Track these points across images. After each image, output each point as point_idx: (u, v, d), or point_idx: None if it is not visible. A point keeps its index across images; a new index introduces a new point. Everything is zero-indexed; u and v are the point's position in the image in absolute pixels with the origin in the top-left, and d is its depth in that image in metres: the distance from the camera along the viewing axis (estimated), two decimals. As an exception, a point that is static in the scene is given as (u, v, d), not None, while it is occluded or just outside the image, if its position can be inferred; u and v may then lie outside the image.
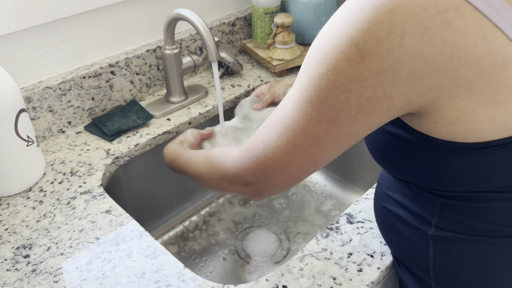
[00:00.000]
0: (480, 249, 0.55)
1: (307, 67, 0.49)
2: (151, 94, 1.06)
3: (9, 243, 0.71)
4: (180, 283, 0.65)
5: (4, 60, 0.84)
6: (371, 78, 0.44)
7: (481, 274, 0.56)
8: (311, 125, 0.48)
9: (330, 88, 0.46)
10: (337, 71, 0.45)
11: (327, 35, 0.47)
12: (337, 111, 0.47)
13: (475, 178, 0.51)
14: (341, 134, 0.49)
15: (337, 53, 0.45)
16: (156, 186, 1.01)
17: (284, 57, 1.10)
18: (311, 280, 0.64)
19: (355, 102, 0.46)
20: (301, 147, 0.50)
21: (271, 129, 0.52)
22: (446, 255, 0.57)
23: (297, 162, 0.51)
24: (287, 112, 0.50)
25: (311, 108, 0.48)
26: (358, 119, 0.47)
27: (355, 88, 0.45)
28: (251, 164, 0.54)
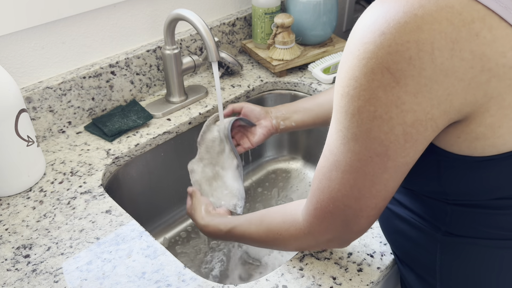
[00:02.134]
0: (488, 253, 0.54)
1: (343, 105, 0.47)
2: (151, 94, 1.06)
3: (9, 243, 0.71)
4: (180, 283, 0.65)
5: (5, 60, 0.84)
6: (410, 101, 0.43)
7: (488, 277, 0.56)
8: (365, 164, 0.47)
9: (371, 119, 0.45)
10: (374, 100, 0.44)
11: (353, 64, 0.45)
12: (385, 143, 0.45)
13: (489, 188, 0.50)
14: (397, 166, 0.47)
15: (369, 82, 0.44)
16: (156, 186, 1.01)
17: (284, 57, 1.10)
18: (311, 280, 0.64)
19: (400, 130, 0.45)
20: (365, 188, 0.49)
21: (329, 180, 0.51)
22: (453, 258, 0.57)
23: (369, 203, 0.50)
24: (338, 158, 0.49)
25: (359, 145, 0.47)
26: (409, 147, 0.46)
27: (396, 115, 0.44)
28: (329, 221, 0.53)
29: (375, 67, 0.43)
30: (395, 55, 0.42)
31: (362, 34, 0.45)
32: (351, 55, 0.45)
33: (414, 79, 0.42)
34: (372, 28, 0.44)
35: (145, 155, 0.94)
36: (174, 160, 1.02)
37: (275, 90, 1.14)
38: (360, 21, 0.46)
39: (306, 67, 1.16)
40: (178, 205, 1.08)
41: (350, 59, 0.45)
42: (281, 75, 1.13)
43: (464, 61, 0.42)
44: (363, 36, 0.44)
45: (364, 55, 0.44)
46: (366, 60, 0.44)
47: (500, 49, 0.41)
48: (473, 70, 0.42)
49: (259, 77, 1.13)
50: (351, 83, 0.45)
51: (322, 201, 0.52)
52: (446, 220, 0.55)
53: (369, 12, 0.46)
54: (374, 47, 0.43)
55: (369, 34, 0.44)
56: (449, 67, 0.42)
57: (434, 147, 0.49)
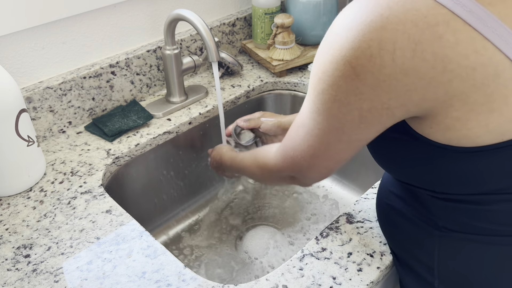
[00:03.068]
0: (485, 249, 0.55)
1: (312, 82, 0.53)
2: (151, 94, 1.06)
3: (10, 243, 0.71)
4: (180, 282, 0.65)
5: (5, 60, 0.85)
6: (367, 92, 0.46)
7: (485, 274, 0.57)
8: (323, 133, 0.54)
9: (332, 101, 0.50)
10: (336, 86, 0.48)
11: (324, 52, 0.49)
12: (341, 121, 0.50)
13: (474, 181, 0.51)
14: (351, 140, 0.53)
15: (333, 70, 0.48)
16: (156, 186, 1.01)
17: (284, 58, 1.11)
18: (311, 279, 0.64)
19: (357, 113, 0.49)
20: (320, 151, 0.56)
21: (296, 134, 0.59)
22: (452, 255, 0.58)
23: (321, 163, 0.58)
24: (305, 121, 0.56)
25: (321, 118, 0.53)
26: (363, 128, 0.50)
27: (354, 101, 0.48)
28: (288, 162, 0.62)
29: (339, 59, 0.46)
30: (357, 51, 0.45)
31: (337, 27, 0.48)
32: (324, 43, 0.50)
33: (373, 75, 0.45)
34: (344, 22, 0.47)
35: (145, 155, 0.94)
36: (174, 160, 1.02)
37: (275, 90, 1.14)
38: (339, 15, 0.49)
39: (306, 67, 1.16)
40: (178, 205, 1.08)
41: (323, 46, 0.50)
42: (281, 75, 1.13)
43: (426, 61, 0.43)
44: (337, 29, 0.48)
45: (333, 45, 0.48)
46: (333, 51, 0.47)
47: (463, 52, 0.43)
48: (434, 70, 0.43)
49: (259, 77, 1.13)
50: (320, 67, 0.50)
51: (287, 147, 0.61)
52: (441, 216, 0.57)
53: (347, 9, 0.48)
54: (341, 40, 0.46)
55: (340, 28, 0.47)
56: (410, 66, 0.43)
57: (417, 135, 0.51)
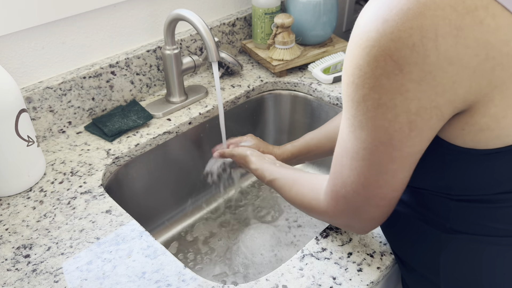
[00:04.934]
0: (493, 250, 0.54)
1: (349, 94, 0.47)
2: (151, 94, 1.06)
3: (10, 243, 0.71)
4: (180, 282, 0.65)
5: (5, 60, 0.84)
6: (414, 88, 0.43)
7: (495, 275, 0.56)
8: (371, 153, 0.48)
9: (376, 107, 0.45)
10: (378, 87, 0.44)
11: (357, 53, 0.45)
12: (389, 132, 0.46)
13: (493, 181, 0.50)
14: (404, 156, 0.47)
15: (373, 70, 0.44)
16: (156, 186, 1.01)
17: (284, 57, 1.11)
18: (311, 279, 0.64)
19: (405, 118, 0.45)
20: (372, 177, 0.49)
21: (341, 165, 0.52)
22: (458, 256, 0.56)
23: (377, 192, 0.51)
24: (347, 145, 0.50)
25: (365, 133, 0.47)
26: (414, 136, 0.46)
27: (400, 102, 0.44)
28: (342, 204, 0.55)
29: (378, 54, 0.43)
30: (398, 42, 0.42)
31: (365, 23, 0.44)
32: (354, 45, 0.46)
33: (417, 66, 0.42)
34: (374, 16, 0.43)
35: (145, 155, 0.94)
36: (174, 160, 1.02)
37: (275, 90, 1.14)
38: (363, 11, 0.46)
39: (306, 67, 1.16)
40: (178, 205, 1.08)
41: (354, 49, 0.46)
42: (281, 75, 1.13)
43: (469, 48, 0.41)
44: (366, 24, 0.44)
45: (367, 43, 0.44)
46: (369, 49, 0.43)
47: (503, 38, 0.41)
48: (477, 58, 0.41)
49: (259, 77, 1.13)
50: (355, 72, 0.45)
51: (336, 185, 0.54)
52: (450, 217, 0.55)
53: (372, 2, 0.45)
54: (377, 35, 0.43)
55: (372, 22, 0.43)
56: (454, 54, 0.41)
57: (438, 140, 0.49)
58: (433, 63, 0.42)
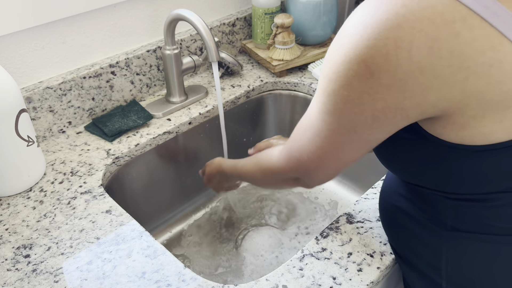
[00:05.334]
0: (497, 248, 0.55)
1: (322, 84, 0.51)
2: (151, 94, 1.06)
3: (10, 243, 0.71)
4: (180, 282, 0.65)
5: (5, 60, 0.84)
6: (382, 92, 0.45)
7: (496, 274, 0.56)
8: (334, 134, 0.52)
9: (344, 102, 0.48)
10: (348, 86, 0.47)
11: (336, 51, 0.48)
12: (354, 121, 0.49)
13: (487, 179, 0.51)
14: (362, 140, 0.52)
15: (346, 70, 0.46)
16: (156, 186, 1.01)
17: (284, 57, 1.11)
18: (311, 279, 0.64)
19: (369, 114, 0.48)
20: (329, 152, 0.55)
21: (303, 135, 0.57)
22: (461, 255, 0.57)
23: (329, 164, 0.57)
24: (313, 123, 0.55)
25: (331, 119, 0.51)
26: (375, 127, 0.49)
27: (368, 101, 0.47)
28: (293, 164, 0.61)
29: (353, 58, 0.45)
30: (373, 49, 0.44)
31: (350, 26, 0.47)
32: (336, 43, 0.49)
33: (389, 74, 0.44)
34: (358, 22, 0.46)
35: (145, 155, 0.94)
36: (174, 160, 1.02)
37: (275, 90, 1.14)
38: (352, 14, 0.48)
39: (306, 67, 1.16)
40: (178, 205, 1.08)
41: (336, 46, 0.49)
42: (281, 75, 1.13)
43: (442, 59, 0.42)
44: (350, 28, 0.47)
45: (346, 44, 0.46)
46: (346, 50, 0.46)
47: (479, 48, 0.42)
48: (450, 68, 0.43)
49: (259, 77, 1.13)
50: (331, 68, 0.49)
51: (293, 148, 0.60)
52: (450, 215, 0.56)
53: (360, 7, 0.48)
54: (356, 39, 0.45)
55: (355, 27, 0.46)
56: (426, 65, 0.43)
57: (429, 135, 0.50)
58: (404, 72, 0.43)
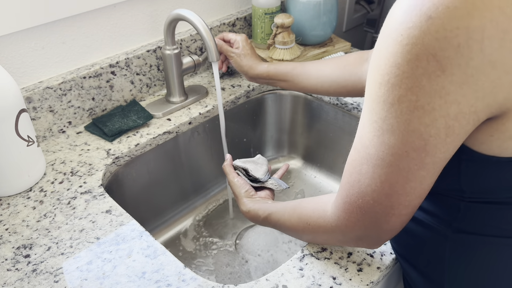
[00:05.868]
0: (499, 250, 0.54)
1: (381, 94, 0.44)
2: (151, 94, 1.06)
3: (10, 243, 0.71)
4: (180, 282, 0.65)
5: (5, 60, 0.85)
6: (455, 91, 0.41)
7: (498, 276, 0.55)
8: (400, 159, 0.44)
9: (412, 110, 0.42)
10: (417, 88, 0.41)
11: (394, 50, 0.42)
12: (424, 137, 0.43)
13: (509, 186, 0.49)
14: (435, 162, 0.45)
15: (413, 69, 0.41)
16: (156, 186, 1.01)
17: (284, 57, 1.11)
18: (311, 279, 0.64)
19: (443, 123, 0.42)
20: (398, 184, 0.46)
21: (359, 174, 0.48)
22: (463, 256, 0.56)
23: (401, 200, 0.47)
24: (370, 151, 0.46)
25: (395, 138, 0.44)
26: (449, 142, 0.43)
27: (439, 106, 0.41)
28: (357, 216, 0.51)
29: (421, 53, 0.40)
30: (443, 41, 0.39)
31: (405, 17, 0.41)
32: (391, 41, 0.42)
33: (461, 69, 0.40)
34: (417, 12, 0.40)
35: (145, 155, 0.94)
36: (174, 160, 1.02)
37: (275, 90, 1.14)
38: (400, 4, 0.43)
39: (306, 67, 1.16)
40: (178, 205, 1.08)
41: (391, 45, 0.42)
42: (281, 75, 1.13)
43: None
44: (407, 20, 0.41)
45: (408, 40, 0.41)
46: (410, 46, 0.41)
47: None
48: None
49: (259, 77, 1.13)
50: (392, 71, 0.42)
51: (352, 196, 0.50)
52: (458, 217, 0.54)
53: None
54: (420, 32, 0.40)
55: (414, 18, 0.40)
56: (498, 58, 0.40)
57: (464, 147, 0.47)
58: (476, 66, 0.40)
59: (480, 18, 0.39)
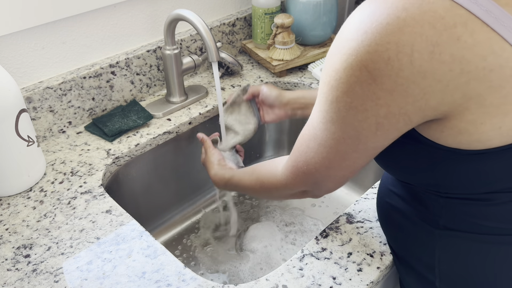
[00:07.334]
0: (487, 248, 0.55)
1: (324, 91, 0.50)
2: (151, 94, 1.06)
3: (10, 243, 0.71)
4: (180, 282, 0.65)
5: (5, 60, 0.85)
6: (384, 97, 0.45)
7: (487, 273, 0.56)
8: (338, 143, 0.52)
9: (347, 109, 0.48)
10: (351, 93, 0.47)
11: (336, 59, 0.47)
12: (358, 129, 0.49)
13: (481, 181, 0.51)
14: (367, 148, 0.51)
15: (348, 76, 0.46)
16: (156, 186, 1.01)
17: (284, 58, 1.11)
18: (311, 279, 0.64)
19: (373, 120, 0.47)
20: (335, 161, 0.54)
21: (307, 147, 0.57)
22: (453, 254, 0.57)
23: (337, 173, 0.56)
24: (316, 132, 0.54)
25: (335, 127, 0.51)
26: (380, 135, 0.49)
27: (371, 108, 0.46)
28: (301, 178, 0.60)
29: (354, 64, 0.45)
30: (374, 54, 0.43)
31: (348, 31, 0.46)
32: (336, 49, 0.48)
33: (390, 79, 0.44)
34: (357, 27, 0.45)
35: (145, 155, 0.94)
36: (174, 160, 1.02)
37: (275, 90, 1.14)
38: (349, 19, 0.48)
39: (306, 67, 1.16)
40: (178, 205, 1.08)
41: (335, 53, 0.48)
42: (281, 75, 1.13)
43: (444, 64, 0.42)
44: (349, 33, 0.46)
45: (346, 50, 0.46)
46: (347, 56, 0.46)
47: (480, 53, 0.42)
48: (452, 72, 0.43)
49: (259, 77, 1.13)
50: (332, 74, 0.48)
51: (299, 162, 0.59)
52: (442, 214, 0.56)
53: (358, 11, 0.47)
54: (356, 45, 0.45)
55: (354, 32, 0.45)
56: (428, 69, 0.43)
57: (425, 139, 0.50)
58: (406, 76, 0.43)
59: (410, 34, 0.42)
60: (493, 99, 0.44)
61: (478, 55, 0.42)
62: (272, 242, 1.00)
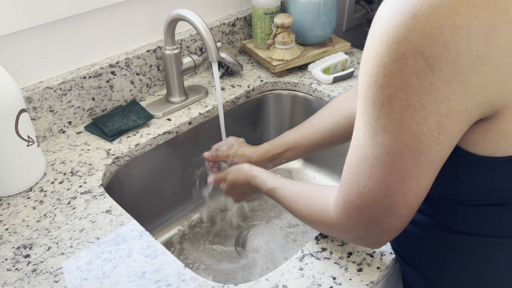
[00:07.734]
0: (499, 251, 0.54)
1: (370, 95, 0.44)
2: (151, 94, 1.06)
3: (10, 243, 0.71)
4: (180, 282, 0.65)
5: (5, 60, 0.85)
6: (444, 88, 0.40)
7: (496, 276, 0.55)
8: (395, 158, 0.44)
9: (403, 108, 0.42)
10: (406, 87, 0.41)
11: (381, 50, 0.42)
12: (417, 135, 0.43)
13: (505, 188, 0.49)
14: (430, 161, 0.44)
15: (401, 68, 0.41)
16: (156, 186, 1.01)
17: (284, 58, 1.11)
18: (311, 279, 0.64)
19: (434, 121, 0.42)
20: (395, 185, 0.46)
21: (357, 174, 0.48)
22: (463, 257, 0.56)
23: (399, 201, 0.47)
24: (366, 152, 0.47)
25: (388, 137, 0.44)
26: (443, 140, 0.43)
27: (430, 103, 0.41)
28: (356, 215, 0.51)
29: (407, 51, 0.40)
30: (429, 38, 0.39)
31: (390, 17, 0.41)
32: (377, 41, 0.42)
33: (449, 65, 0.40)
34: (401, 10, 0.40)
35: (145, 155, 0.94)
36: (174, 160, 1.02)
37: (275, 90, 1.14)
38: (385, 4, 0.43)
39: (306, 67, 1.16)
40: (178, 205, 1.08)
41: (377, 45, 0.42)
42: (281, 75, 1.13)
43: (500, 49, 0.39)
44: (392, 19, 0.41)
45: (394, 39, 0.41)
46: (396, 45, 0.41)
47: None
48: (508, 59, 0.40)
49: (259, 77, 1.13)
50: (379, 71, 0.42)
51: (350, 196, 0.50)
52: (457, 220, 0.54)
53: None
54: (406, 31, 0.40)
55: (399, 17, 0.40)
56: (485, 54, 0.39)
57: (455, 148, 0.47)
58: (464, 62, 0.39)
59: (465, 15, 0.38)
60: None
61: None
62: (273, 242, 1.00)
